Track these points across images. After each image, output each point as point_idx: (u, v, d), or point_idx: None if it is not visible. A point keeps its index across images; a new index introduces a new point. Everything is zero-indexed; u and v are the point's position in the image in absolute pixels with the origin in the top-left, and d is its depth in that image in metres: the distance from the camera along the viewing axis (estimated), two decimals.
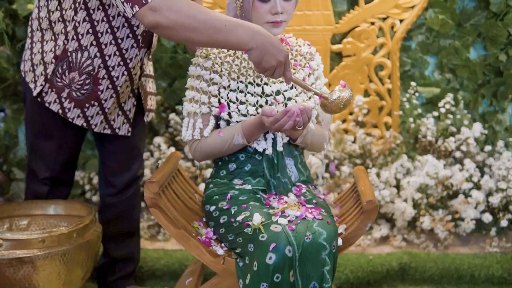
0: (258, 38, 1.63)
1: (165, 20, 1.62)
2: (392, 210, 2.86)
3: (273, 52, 1.65)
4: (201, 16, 1.61)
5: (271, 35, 1.66)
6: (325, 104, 1.77)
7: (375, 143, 3.06)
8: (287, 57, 1.68)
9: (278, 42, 1.66)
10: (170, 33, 1.65)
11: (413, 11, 3.03)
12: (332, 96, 1.76)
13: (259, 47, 1.64)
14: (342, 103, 1.76)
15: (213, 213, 1.84)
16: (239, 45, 1.64)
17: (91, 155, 3.13)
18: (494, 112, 3.15)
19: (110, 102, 2.05)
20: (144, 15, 1.64)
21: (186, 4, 1.62)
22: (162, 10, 1.61)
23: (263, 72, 1.69)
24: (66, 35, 1.94)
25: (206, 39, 1.63)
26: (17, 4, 2.84)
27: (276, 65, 1.66)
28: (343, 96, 1.76)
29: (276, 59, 1.66)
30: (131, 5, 1.65)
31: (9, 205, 2.16)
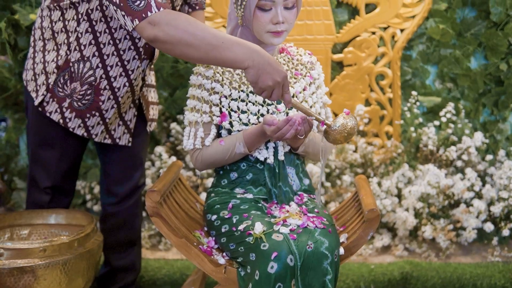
0: (255, 57, 1.61)
1: (163, 34, 1.63)
2: (394, 219, 2.85)
3: (270, 72, 1.62)
4: (198, 32, 1.61)
5: (269, 55, 1.63)
6: (328, 133, 1.73)
7: (376, 152, 3.07)
8: (285, 78, 1.64)
9: (277, 63, 1.64)
10: (168, 47, 1.66)
11: (414, 20, 3.04)
12: (336, 124, 1.70)
13: (255, 66, 1.61)
14: (345, 131, 1.70)
15: (215, 222, 1.84)
16: (235, 63, 1.62)
17: (92, 164, 3.13)
18: (495, 121, 3.16)
19: (111, 112, 2.06)
20: (144, 29, 1.66)
21: (185, 20, 1.63)
22: (161, 24, 1.63)
23: (260, 92, 1.65)
24: (68, 46, 1.95)
25: (203, 55, 1.63)
26: (19, 14, 2.85)
27: (273, 85, 1.63)
28: (346, 125, 1.70)
29: (272, 79, 1.62)
30: (131, 18, 1.67)
31: (10, 214, 2.16)
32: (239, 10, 1.84)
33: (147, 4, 1.65)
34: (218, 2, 2.99)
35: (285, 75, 1.63)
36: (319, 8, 3.00)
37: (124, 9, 1.67)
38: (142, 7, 1.65)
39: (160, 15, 1.64)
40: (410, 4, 3.03)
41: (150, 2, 1.65)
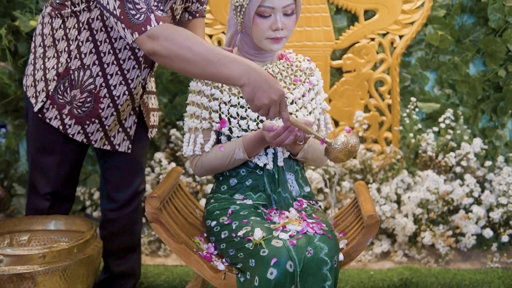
0: (251, 75, 1.60)
1: (162, 48, 1.64)
2: (393, 225, 2.86)
3: (266, 90, 1.60)
4: (196, 48, 1.61)
5: (266, 73, 1.63)
6: (329, 151, 1.71)
7: (376, 158, 3.07)
8: (282, 96, 1.62)
9: (274, 81, 1.62)
10: (166, 61, 1.67)
11: (413, 27, 3.05)
12: (336, 143, 1.69)
13: (251, 84, 1.60)
14: (346, 149, 1.68)
15: (214, 228, 1.84)
16: (231, 79, 1.62)
17: (92, 170, 3.13)
18: (494, 128, 3.16)
19: (111, 119, 2.07)
20: (143, 42, 1.66)
21: (184, 34, 1.64)
22: (160, 38, 1.63)
23: (257, 110, 1.64)
24: (69, 54, 1.96)
25: (200, 71, 1.63)
26: (20, 21, 2.86)
27: (269, 103, 1.61)
28: (347, 143, 1.68)
29: (268, 97, 1.61)
30: (131, 31, 1.67)
31: (10, 220, 2.16)
32: (239, 16, 1.85)
33: (147, 17, 1.66)
34: (217, 9, 3.00)
35: (282, 93, 1.62)
36: (318, 15, 3.01)
37: (124, 22, 1.68)
38: (141, 21, 1.66)
39: (159, 29, 1.65)
40: (409, 10, 3.04)
41: (149, 15, 1.66)
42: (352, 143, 1.68)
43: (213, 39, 3.05)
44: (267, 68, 1.90)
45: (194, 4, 2.15)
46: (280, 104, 1.63)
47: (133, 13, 1.66)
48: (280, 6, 1.79)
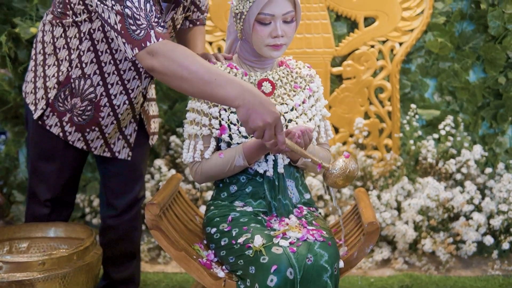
0: (246, 96, 1.59)
1: (160, 65, 1.64)
2: (393, 232, 2.85)
3: (261, 112, 1.59)
4: (193, 67, 1.62)
5: (262, 95, 1.62)
6: (327, 176, 1.68)
7: (376, 165, 3.07)
8: (277, 120, 1.61)
9: (270, 103, 1.61)
10: (164, 78, 1.67)
11: (413, 34, 3.06)
12: (335, 168, 1.67)
13: (246, 105, 1.59)
14: (344, 175, 1.66)
15: (214, 235, 1.84)
16: (226, 100, 1.62)
17: (92, 177, 3.13)
18: (494, 134, 3.16)
19: (111, 128, 2.07)
20: (143, 58, 1.67)
21: (182, 53, 1.64)
22: (159, 55, 1.64)
23: (251, 132, 1.63)
24: (70, 62, 1.96)
25: (195, 90, 1.63)
26: (20, 28, 2.87)
27: (263, 126, 1.60)
28: (346, 168, 1.65)
29: (263, 119, 1.59)
30: (131, 47, 1.68)
31: (9, 227, 2.16)
32: (239, 23, 1.85)
33: (147, 33, 1.66)
34: (217, 16, 3.01)
35: (277, 116, 1.61)
36: (318, 22, 3.02)
37: (125, 37, 1.68)
38: (141, 36, 1.66)
39: (158, 45, 1.65)
40: (409, 17, 3.05)
41: (149, 31, 1.66)
42: (351, 168, 1.66)
43: (213, 46, 3.06)
44: (267, 74, 1.90)
45: (195, 13, 2.16)
46: (275, 127, 1.62)
47: (134, 28, 1.67)
48: (280, 14, 1.79)
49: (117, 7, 1.68)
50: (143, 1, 1.68)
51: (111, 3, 1.69)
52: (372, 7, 3.03)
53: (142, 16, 1.67)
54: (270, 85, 1.88)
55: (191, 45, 2.12)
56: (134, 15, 1.66)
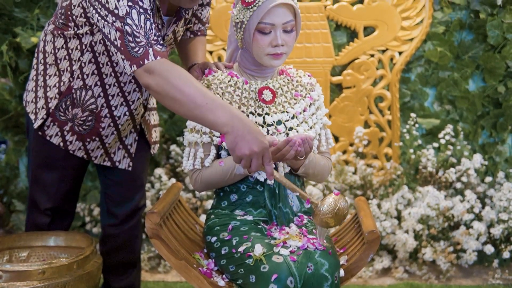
0: (235, 123, 1.60)
1: (155, 84, 1.66)
2: (394, 241, 2.85)
3: (248, 140, 1.59)
4: (186, 89, 1.63)
5: (252, 123, 1.62)
6: (316, 214, 1.63)
7: (376, 174, 3.07)
8: (265, 149, 1.60)
9: (258, 132, 1.61)
10: (157, 97, 1.69)
11: (412, 43, 3.07)
12: (323, 205, 1.62)
13: (234, 132, 1.60)
14: (333, 213, 1.60)
15: (214, 244, 1.83)
16: (215, 125, 1.62)
17: (92, 186, 3.13)
18: (494, 143, 3.17)
19: (111, 138, 2.08)
20: (140, 76, 1.69)
21: (177, 74, 1.65)
22: (155, 74, 1.66)
23: (238, 161, 1.62)
24: (71, 73, 1.97)
25: (186, 112, 1.65)
26: (21, 37, 2.88)
27: (250, 154, 1.59)
28: (335, 206, 1.60)
29: (249, 147, 1.58)
30: (130, 63, 1.69)
31: (9, 236, 2.15)
32: (239, 33, 1.86)
33: (145, 51, 1.67)
34: (218, 25, 3.02)
35: (265, 146, 1.61)
36: (318, 31, 3.03)
37: (124, 53, 1.70)
38: (140, 54, 1.68)
39: (155, 64, 1.67)
40: (408, 27, 3.06)
41: (148, 49, 1.68)
42: (341, 206, 1.61)
43: (213, 55, 3.07)
44: (267, 83, 1.91)
45: (196, 24, 2.17)
46: (263, 157, 1.62)
47: (132, 45, 1.68)
48: (280, 23, 1.80)
49: (117, 24, 1.69)
50: (143, 18, 1.69)
51: (112, 20, 1.70)
52: (372, 16, 3.04)
53: (141, 34, 1.68)
54: (271, 93, 1.89)
55: (192, 55, 2.13)
56: (134, 32, 1.68)
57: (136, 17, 1.69)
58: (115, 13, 1.69)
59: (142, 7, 1.70)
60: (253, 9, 1.79)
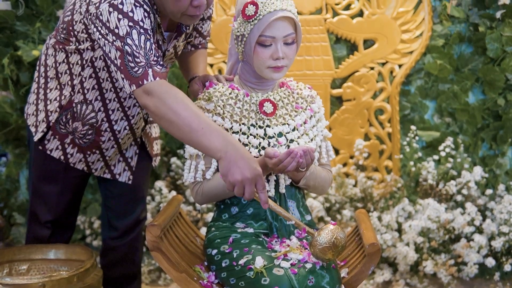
0: (229, 149, 1.61)
1: (152, 105, 1.67)
2: (394, 254, 2.84)
3: (241, 167, 1.60)
4: (182, 113, 1.64)
5: (245, 150, 1.64)
6: (312, 245, 1.60)
7: (376, 186, 3.07)
8: (257, 176, 1.61)
9: (252, 159, 1.62)
10: (154, 118, 1.71)
11: (412, 56, 3.08)
12: (320, 236, 1.59)
13: (227, 158, 1.61)
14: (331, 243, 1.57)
15: (215, 257, 1.83)
16: (210, 150, 1.64)
17: (92, 199, 3.12)
18: (494, 156, 3.17)
19: (112, 151, 2.08)
20: (139, 96, 1.70)
21: (174, 97, 1.66)
22: (153, 95, 1.67)
23: (231, 188, 1.62)
24: (72, 87, 1.98)
25: (181, 135, 1.66)
26: (22, 51, 2.89)
27: (242, 180, 1.60)
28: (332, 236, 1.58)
29: (242, 173, 1.59)
30: (129, 83, 1.71)
31: (9, 249, 2.15)
32: (240, 46, 1.87)
33: (144, 72, 1.69)
34: (218, 38, 3.03)
35: (257, 173, 1.61)
36: (318, 44, 3.04)
37: (123, 73, 1.71)
38: (139, 74, 1.69)
39: (154, 85, 1.68)
40: (408, 40, 3.08)
41: (147, 70, 1.69)
42: (338, 237, 1.59)
43: (213, 68, 3.08)
44: (268, 95, 1.91)
45: (196, 38, 2.18)
46: (256, 184, 1.62)
47: (132, 65, 1.69)
48: (280, 36, 1.81)
49: (117, 43, 1.70)
50: (143, 39, 1.70)
51: (112, 39, 1.71)
52: (372, 29, 3.06)
53: (141, 54, 1.69)
54: (272, 106, 1.89)
55: (193, 68, 2.14)
56: (134, 52, 1.69)
57: (137, 37, 1.70)
58: (116, 33, 1.70)
59: (142, 27, 1.71)
60: (254, 22, 1.80)
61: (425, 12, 3.05)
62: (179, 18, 1.83)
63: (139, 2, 1.73)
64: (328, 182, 1.97)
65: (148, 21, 1.73)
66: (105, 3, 1.73)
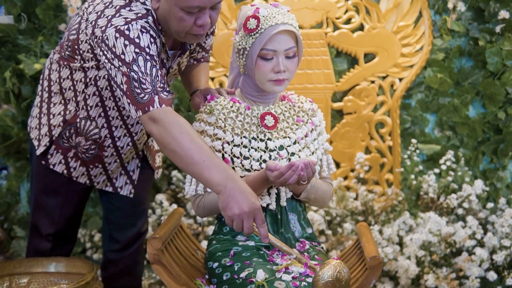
0: (228, 184, 1.62)
1: (157, 133, 1.69)
2: (396, 267, 2.83)
3: (239, 200, 1.60)
4: (185, 144, 1.65)
5: (245, 185, 1.64)
6: (315, 282, 1.57)
7: (377, 200, 3.06)
8: (256, 210, 1.61)
9: (251, 193, 1.63)
10: (158, 145, 1.72)
11: (412, 70, 3.09)
12: (322, 272, 1.55)
13: (226, 192, 1.61)
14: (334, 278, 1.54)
15: (216, 270, 1.83)
16: (209, 183, 1.64)
17: (93, 212, 3.12)
18: (495, 169, 3.17)
19: (114, 165, 2.09)
20: (144, 122, 1.72)
21: (179, 126, 1.68)
22: (159, 123, 1.68)
23: (230, 222, 1.63)
24: (77, 103, 1.98)
25: (183, 166, 1.67)
26: (24, 64, 2.90)
27: (239, 214, 1.60)
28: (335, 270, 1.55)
29: (239, 207, 1.60)
30: (135, 108, 1.71)
31: (10, 262, 2.14)
32: (241, 59, 1.88)
33: (151, 98, 1.69)
34: (219, 52, 3.05)
35: (256, 207, 1.61)
36: (319, 58, 3.05)
37: (129, 98, 1.71)
38: (145, 100, 1.70)
39: (159, 112, 1.69)
40: (408, 54, 3.09)
41: (153, 97, 1.70)
42: (343, 272, 1.56)
43: (215, 82, 3.09)
44: (269, 108, 1.92)
45: (199, 53, 2.18)
46: (255, 219, 1.62)
47: (138, 91, 1.70)
48: (282, 49, 1.82)
49: (123, 69, 1.71)
50: (150, 66, 1.71)
51: (118, 64, 1.71)
52: (372, 43, 3.07)
53: (148, 81, 1.70)
54: (273, 119, 1.90)
55: (195, 81, 2.15)
56: (140, 79, 1.70)
57: (143, 64, 1.70)
58: (122, 58, 1.71)
59: (148, 53, 1.71)
60: (255, 35, 1.81)
61: (425, 26, 3.06)
62: (184, 37, 1.83)
63: (146, 28, 1.73)
64: (329, 195, 1.97)
65: (154, 47, 1.74)
66: (112, 28, 1.73)
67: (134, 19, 1.73)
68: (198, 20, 1.77)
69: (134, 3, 1.77)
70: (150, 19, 1.76)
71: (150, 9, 1.78)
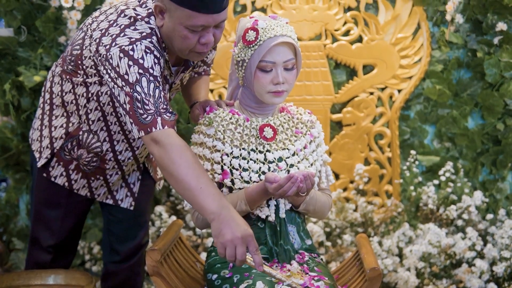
0: (222, 213, 1.61)
1: (157, 154, 1.69)
2: (395, 279, 2.82)
3: (232, 227, 1.59)
4: (183, 170, 1.65)
5: (238, 215, 1.64)
6: None
7: (377, 211, 3.06)
8: (248, 237, 1.59)
9: (243, 222, 1.62)
10: (158, 166, 1.73)
11: (411, 81, 3.10)
12: None
13: (219, 220, 1.61)
14: None
15: (215, 282, 1.82)
16: (203, 211, 1.64)
17: (92, 224, 3.12)
18: (494, 181, 3.17)
19: (115, 177, 2.09)
20: (146, 142, 1.72)
21: (179, 149, 1.68)
22: (160, 144, 1.69)
23: (223, 250, 1.60)
24: (80, 117, 1.98)
25: (179, 190, 1.68)
26: (24, 76, 2.91)
27: (232, 240, 1.58)
28: None
29: (232, 233, 1.58)
30: (138, 128, 1.72)
31: (8, 275, 2.14)
32: (240, 71, 1.88)
33: (153, 119, 1.70)
34: (218, 64, 3.06)
35: (248, 233, 1.60)
36: (318, 70, 3.07)
37: (132, 118, 1.72)
38: (148, 121, 1.70)
39: (162, 134, 1.69)
40: (407, 65, 3.10)
41: (156, 118, 1.70)
42: None
43: (214, 93, 3.10)
44: (268, 120, 1.92)
45: (201, 67, 2.19)
46: (248, 246, 1.60)
47: (141, 112, 1.70)
48: (281, 61, 1.83)
49: (126, 89, 1.71)
50: (153, 87, 1.71)
51: (121, 84, 1.72)
52: (371, 55, 3.08)
53: (151, 102, 1.70)
54: (272, 131, 1.90)
55: (194, 93, 2.15)
56: (143, 99, 1.70)
57: (146, 85, 1.71)
58: (125, 79, 1.71)
59: (152, 74, 1.72)
60: (254, 47, 1.81)
61: (424, 38, 3.08)
62: (187, 55, 1.83)
63: (150, 49, 1.74)
64: (328, 207, 1.97)
65: (158, 67, 1.74)
66: (116, 47, 1.73)
67: (138, 39, 1.74)
68: (202, 38, 1.77)
69: (139, 22, 1.78)
70: (154, 39, 1.77)
71: (154, 27, 1.78)
